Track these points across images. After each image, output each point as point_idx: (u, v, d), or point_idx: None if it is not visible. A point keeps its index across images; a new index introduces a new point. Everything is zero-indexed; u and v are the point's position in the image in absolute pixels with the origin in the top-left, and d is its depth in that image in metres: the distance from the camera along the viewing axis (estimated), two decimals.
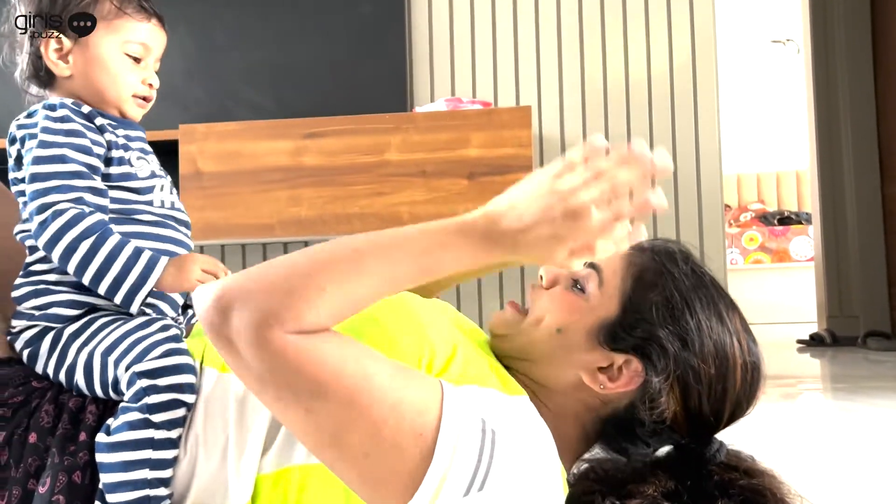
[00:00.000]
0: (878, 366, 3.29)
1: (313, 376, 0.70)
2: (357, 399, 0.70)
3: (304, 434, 0.73)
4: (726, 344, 0.85)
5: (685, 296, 0.85)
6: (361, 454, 0.71)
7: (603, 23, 2.70)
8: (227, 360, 0.74)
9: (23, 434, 0.85)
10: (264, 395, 0.73)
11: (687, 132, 2.66)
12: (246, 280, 0.73)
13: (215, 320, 0.72)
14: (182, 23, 2.71)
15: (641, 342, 0.83)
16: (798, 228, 5.65)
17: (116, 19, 0.98)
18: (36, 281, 0.93)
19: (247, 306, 0.70)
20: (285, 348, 0.70)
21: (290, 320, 0.70)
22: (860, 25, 4.25)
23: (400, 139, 2.34)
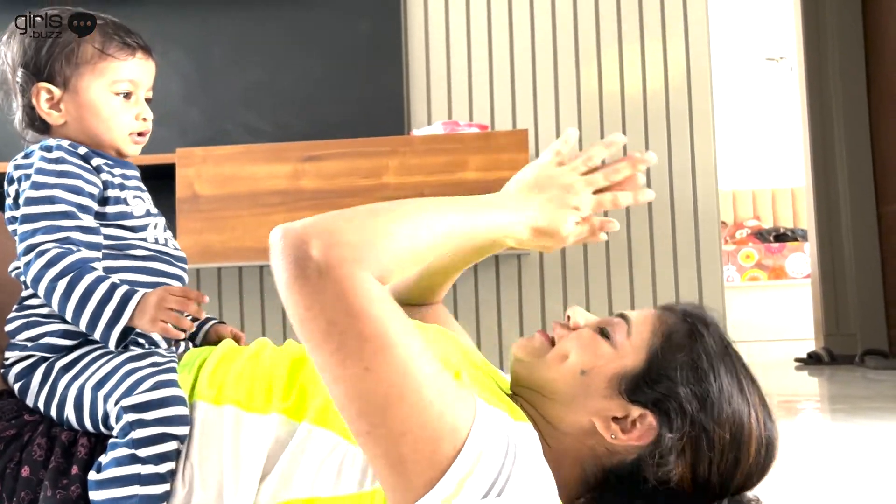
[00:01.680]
0: (876, 385, 3.28)
1: (384, 332, 0.71)
2: (414, 372, 0.71)
3: (353, 397, 0.72)
4: (744, 414, 0.85)
5: (711, 361, 0.86)
6: (399, 431, 0.71)
7: (598, 44, 2.71)
8: (304, 304, 0.73)
9: (15, 468, 0.85)
10: (330, 344, 0.72)
11: (683, 151, 2.67)
12: (333, 219, 0.75)
13: (303, 253, 0.72)
14: (179, 47, 2.72)
15: (661, 398, 0.83)
16: (794, 245, 5.67)
17: (101, 62, 0.98)
18: (29, 314, 0.93)
19: (338, 240, 0.72)
20: (369, 291, 0.72)
21: (373, 260, 0.73)
22: (853, 43, 4.28)
23: (398, 162, 2.35)
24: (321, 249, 0.72)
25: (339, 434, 0.81)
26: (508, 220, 0.87)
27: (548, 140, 2.69)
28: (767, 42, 6.41)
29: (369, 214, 0.77)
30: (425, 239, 0.79)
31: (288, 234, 0.74)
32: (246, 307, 2.73)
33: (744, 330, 5.46)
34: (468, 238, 0.84)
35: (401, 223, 0.77)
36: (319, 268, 0.71)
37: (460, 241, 0.83)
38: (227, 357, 0.93)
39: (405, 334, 0.73)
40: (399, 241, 0.76)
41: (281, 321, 2.71)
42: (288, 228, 0.74)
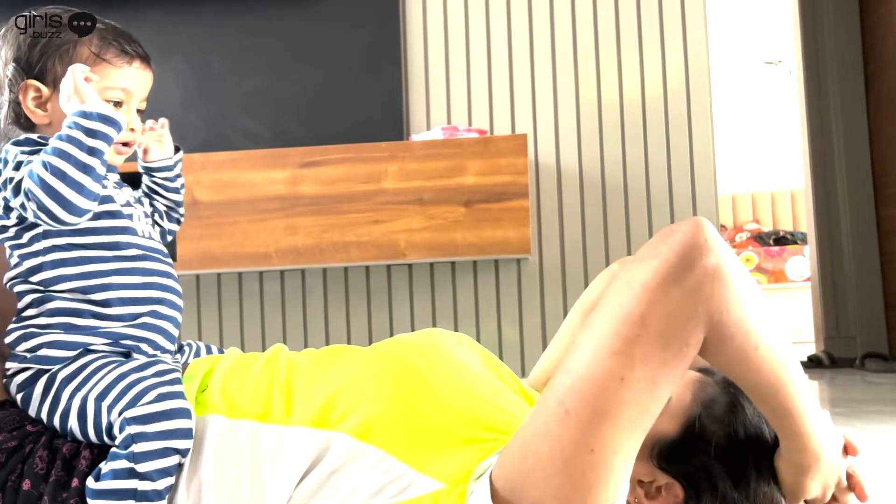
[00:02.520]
0: (876, 388, 3.28)
1: (661, 378, 0.70)
2: (642, 420, 0.70)
3: (588, 377, 0.70)
4: (776, 495, 0.84)
5: (748, 435, 0.84)
6: (589, 444, 0.69)
7: (597, 49, 2.72)
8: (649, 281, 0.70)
9: (17, 480, 0.85)
10: (625, 328, 0.70)
11: (682, 155, 2.67)
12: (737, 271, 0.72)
13: (690, 261, 0.70)
14: (178, 54, 2.72)
15: (693, 471, 0.82)
16: (794, 248, 5.66)
17: (95, 66, 0.95)
18: (26, 325, 0.92)
19: (723, 288, 0.70)
20: (689, 346, 0.70)
21: (721, 333, 0.71)
22: (851, 46, 4.28)
23: (397, 167, 2.35)
24: (709, 276, 0.70)
25: (383, 449, 0.80)
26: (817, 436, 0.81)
27: (547, 144, 2.69)
28: (766, 45, 6.41)
29: (762, 303, 0.74)
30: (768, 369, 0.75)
31: (701, 233, 0.71)
32: (245, 312, 2.73)
33: None
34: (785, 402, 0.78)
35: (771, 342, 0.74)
36: (689, 284, 0.70)
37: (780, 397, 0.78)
38: (240, 365, 0.92)
39: (665, 396, 0.71)
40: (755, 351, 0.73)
41: (280, 326, 2.71)
42: (705, 229, 0.72)
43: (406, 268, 2.70)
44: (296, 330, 2.71)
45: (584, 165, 2.68)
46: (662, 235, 0.73)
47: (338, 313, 2.71)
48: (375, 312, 2.70)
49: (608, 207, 2.66)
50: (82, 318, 0.91)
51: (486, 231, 2.30)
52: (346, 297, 2.71)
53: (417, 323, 2.69)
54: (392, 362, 0.89)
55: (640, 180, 2.66)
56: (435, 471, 0.77)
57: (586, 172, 2.68)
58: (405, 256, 2.33)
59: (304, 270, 2.72)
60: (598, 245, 2.63)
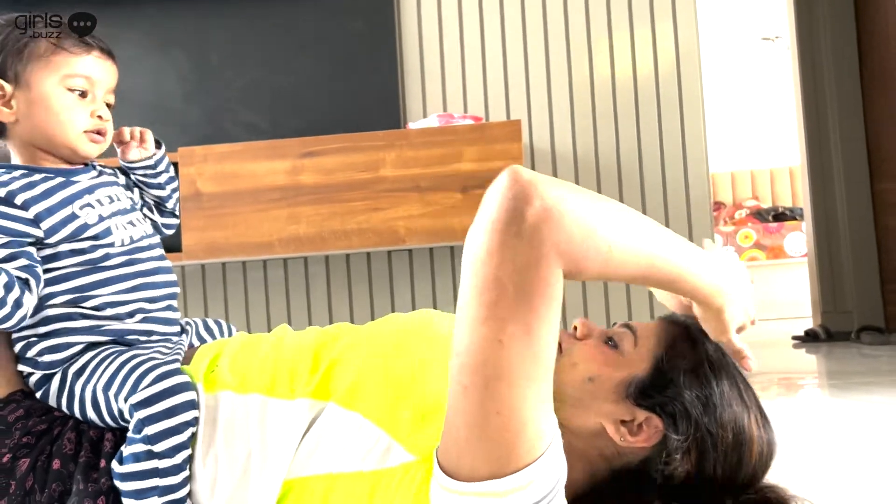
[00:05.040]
0: (871, 360, 3.32)
1: (535, 324, 0.72)
2: (537, 367, 0.73)
3: (472, 351, 0.73)
4: (744, 418, 0.90)
5: (712, 368, 0.90)
6: (494, 409, 0.73)
7: (589, 34, 2.75)
8: (486, 247, 0.72)
9: (46, 461, 0.89)
10: (483, 295, 0.72)
11: (674, 135, 2.71)
12: (571, 204, 0.72)
13: (520, 213, 0.71)
14: (178, 47, 2.76)
15: (667, 402, 0.87)
16: (792, 224, 5.69)
17: (54, 56, 0.95)
18: (26, 336, 0.95)
19: (559, 227, 0.71)
20: (551, 284, 0.71)
21: (580, 260, 0.72)
22: (845, 21, 4.29)
23: (394, 155, 2.39)
24: (538, 218, 0.71)
25: (364, 415, 0.84)
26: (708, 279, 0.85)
27: (541, 129, 2.73)
28: (762, 21, 6.41)
29: (599, 210, 0.75)
30: (627, 272, 0.78)
31: (517, 181, 0.72)
32: (251, 300, 2.79)
33: None
34: (664, 285, 0.83)
35: (622, 237, 0.75)
36: (524, 233, 0.71)
37: (654, 284, 0.82)
38: (248, 345, 0.96)
39: (548, 339, 0.73)
40: (612, 254, 0.74)
41: (285, 313, 2.77)
42: (520, 175, 0.73)
43: (406, 253, 2.76)
44: (300, 316, 2.76)
45: (578, 149, 2.72)
46: (486, 197, 0.74)
47: (341, 299, 2.76)
48: (377, 297, 2.76)
49: (602, 190, 2.70)
50: (77, 322, 0.94)
51: None
52: (348, 283, 2.77)
53: (418, 306, 2.74)
54: (382, 335, 0.94)
55: (633, 161, 2.70)
56: (411, 442, 0.82)
57: (580, 156, 2.72)
58: (405, 242, 2.39)
59: (306, 258, 2.78)
60: None
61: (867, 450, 1.63)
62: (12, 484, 0.87)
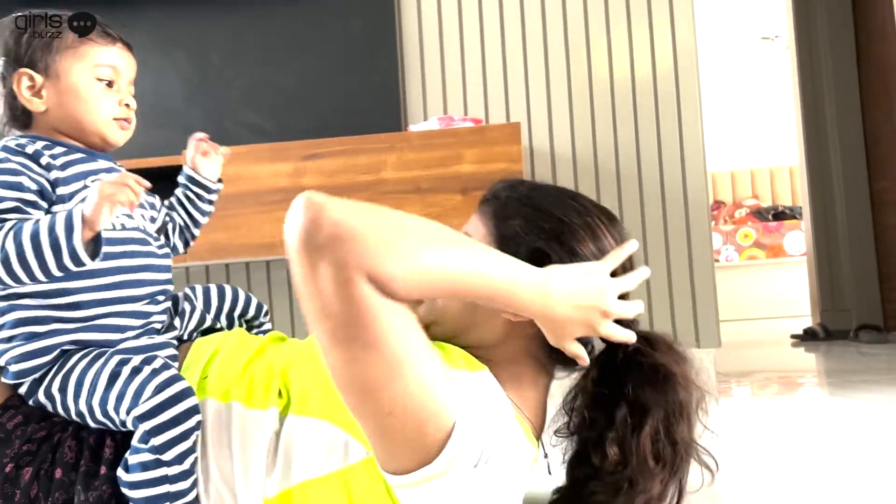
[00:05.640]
0: (870, 359, 3.34)
1: (374, 333, 0.73)
2: (400, 366, 0.75)
3: (339, 374, 0.77)
4: (588, 222, 0.95)
5: (537, 207, 0.95)
6: (385, 410, 0.76)
7: (587, 35, 2.77)
8: (302, 279, 0.74)
9: (49, 469, 0.90)
10: (321, 324, 0.75)
11: (671, 135, 2.72)
12: (361, 220, 0.73)
13: (315, 240, 0.72)
14: (179, 49, 2.79)
15: (530, 259, 0.88)
16: (792, 223, 5.70)
17: (81, 46, 0.98)
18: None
19: (353, 245, 0.72)
20: (366, 298, 0.72)
21: (383, 276, 0.73)
22: (843, 20, 4.30)
23: (395, 158, 2.42)
24: (329, 241, 0.72)
25: (318, 417, 0.87)
26: (522, 312, 0.84)
27: (541, 131, 2.75)
28: (762, 21, 6.43)
29: (394, 225, 0.76)
30: (444, 287, 0.78)
31: (307, 209, 0.74)
32: None
33: (743, 309, 5.52)
34: (483, 300, 0.82)
35: (425, 250, 0.76)
36: (323, 258, 0.72)
37: (473, 298, 0.82)
38: (235, 351, 0.97)
39: (399, 340, 0.75)
40: (416, 266, 0.75)
41: (289, 314, 2.80)
42: (312, 199, 0.74)
43: None
44: (302, 317, 2.78)
45: (577, 150, 2.74)
46: (285, 228, 0.76)
47: None
48: None
49: (601, 190, 2.72)
50: (44, 325, 0.93)
51: None
52: None
53: None
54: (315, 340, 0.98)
55: (632, 161, 2.72)
56: (363, 437, 0.84)
57: (579, 157, 2.74)
58: None
59: None
60: None
61: (866, 448, 1.65)
62: (17, 493, 0.88)
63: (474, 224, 0.98)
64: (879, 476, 1.39)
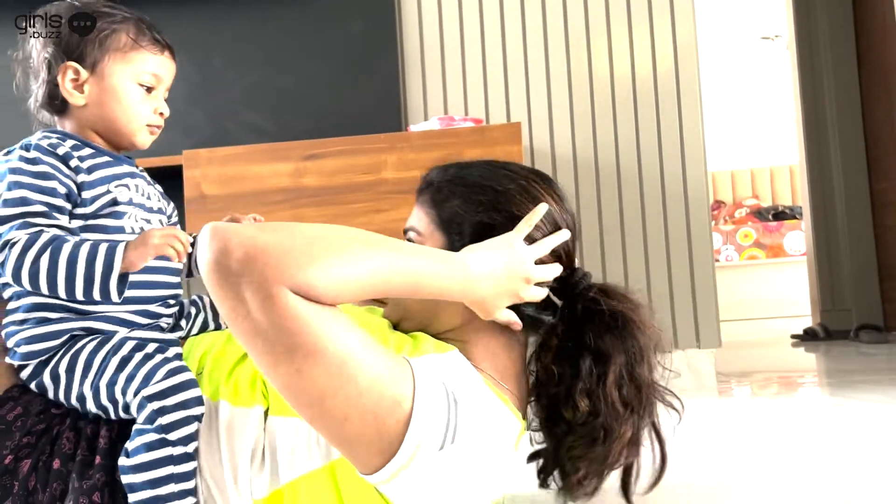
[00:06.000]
0: (870, 359, 3.34)
1: (311, 340, 0.74)
2: (345, 367, 0.76)
3: (289, 391, 0.78)
4: (523, 185, 0.97)
5: (469, 184, 0.97)
6: (341, 417, 0.77)
7: (588, 35, 2.77)
8: (227, 306, 0.75)
9: (47, 460, 0.91)
10: (258, 346, 0.76)
11: (672, 134, 2.72)
12: (268, 236, 0.75)
13: (229, 266, 0.74)
14: (181, 50, 2.77)
15: (475, 236, 0.93)
16: (792, 223, 5.70)
17: (132, 51, 1.01)
18: (8, 322, 0.97)
19: (267, 261, 0.73)
20: (293, 308, 0.73)
21: (303, 285, 0.74)
22: (844, 20, 4.31)
23: (396, 158, 2.42)
24: (242, 263, 0.73)
25: (296, 417, 0.87)
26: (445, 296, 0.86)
27: (541, 131, 2.76)
28: (762, 21, 6.43)
29: (301, 235, 0.77)
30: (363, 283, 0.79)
31: (214, 235, 0.75)
32: None
33: (743, 309, 5.52)
34: (404, 291, 0.83)
35: (338, 253, 0.77)
36: (242, 281, 0.73)
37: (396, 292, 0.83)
38: (225, 351, 0.98)
39: (334, 332, 0.76)
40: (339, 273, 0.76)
41: None
42: (217, 229, 0.75)
43: None
44: None
45: (578, 150, 2.75)
46: (199, 266, 0.77)
47: None
48: None
49: (601, 190, 2.73)
50: (57, 313, 0.95)
51: None
52: None
53: None
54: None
55: (632, 161, 2.73)
56: None
57: (580, 156, 2.74)
58: None
59: None
60: (592, 226, 2.70)
61: (865, 449, 1.65)
62: (15, 484, 0.89)
63: (417, 215, 1.01)
64: (879, 476, 1.39)
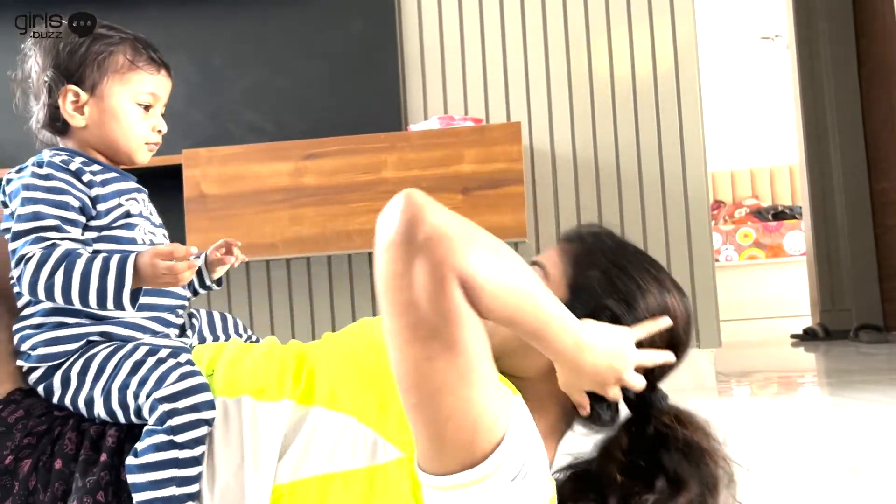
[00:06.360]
0: (870, 359, 3.35)
1: (456, 334, 0.75)
2: (470, 373, 0.76)
3: (407, 371, 0.77)
4: (666, 300, 0.97)
5: (619, 265, 0.97)
6: (446, 414, 0.77)
7: (588, 36, 2.78)
8: (390, 270, 0.75)
9: (48, 461, 0.91)
10: (403, 319, 0.76)
11: (672, 134, 2.73)
12: (458, 227, 0.75)
13: (414, 236, 0.74)
14: (181, 51, 2.79)
15: (593, 312, 0.92)
16: (791, 223, 5.71)
17: (129, 72, 1.03)
18: (23, 327, 0.98)
19: (451, 247, 0.73)
20: (457, 300, 0.74)
21: (473, 285, 0.74)
22: (844, 21, 4.31)
23: (396, 157, 2.42)
24: (429, 239, 0.73)
25: (349, 414, 0.88)
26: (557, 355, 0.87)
27: (541, 131, 2.76)
28: (762, 20, 6.43)
29: (485, 241, 0.78)
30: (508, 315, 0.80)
31: (410, 202, 0.75)
32: (254, 300, 2.82)
33: (743, 309, 5.53)
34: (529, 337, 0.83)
35: (505, 268, 0.78)
36: (420, 254, 0.73)
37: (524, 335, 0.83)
38: (239, 354, 0.99)
39: (474, 343, 0.77)
40: (496, 280, 0.77)
41: (288, 314, 2.80)
42: (414, 197, 0.75)
43: None
44: (302, 315, 2.79)
45: (578, 150, 2.75)
46: (381, 220, 0.77)
47: (343, 299, 2.79)
48: None
49: (601, 190, 2.73)
50: (74, 318, 0.96)
51: (483, 217, 2.38)
52: (350, 284, 2.80)
53: None
54: (354, 336, 0.99)
55: (632, 161, 2.73)
56: (398, 439, 0.86)
57: (580, 156, 2.74)
58: None
59: (309, 259, 2.81)
60: None
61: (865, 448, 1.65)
62: (15, 484, 0.89)
63: (552, 259, 1.00)
64: (879, 476, 1.39)
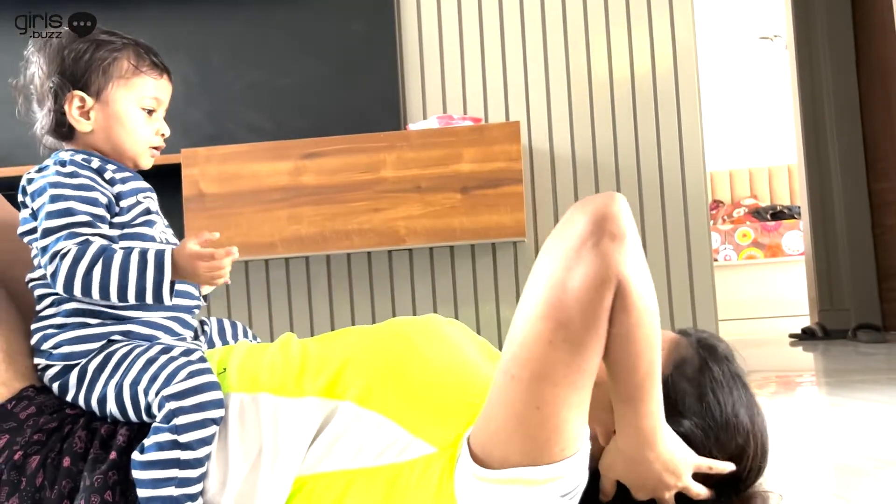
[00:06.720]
0: (868, 358, 3.34)
1: (587, 334, 0.75)
2: (580, 377, 0.77)
3: (522, 346, 0.77)
4: (748, 444, 0.92)
5: (717, 396, 0.92)
6: (537, 403, 0.77)
7: (587, 34, 2.78)
8: (560, 247, 0.77)
9: (56, 458, 0.91)
10: (546, 294, 0.76)
11: (671, 134, 2.73)
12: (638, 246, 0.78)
13: (601, 228, 0.76)
14: (180, 50, 2.79)
15: (673, 424, 0.88)
16: (790, 223, 5.71)
17: (133, 77, 1.05)
18: (44, 326, 0.99)
19: (628, 255, 0.76)
20: (605, 303, 0.75)
21: (627, 302, 0.76)
22: (842, 20, 4.31)
23: (395, 156, 2.42)
24: (615, 240, 0.76)
25: (382, 414, 0.88)
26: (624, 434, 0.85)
27: (540, 130, 2.76)
28: (761, 20, 6.43)
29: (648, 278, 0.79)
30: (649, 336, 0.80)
31: (614, 199, 0.78)
32: (253, 300, 2.82)
33: (741, 308, 5.53)
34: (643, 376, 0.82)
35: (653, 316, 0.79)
36: (600, 249, 0.75)
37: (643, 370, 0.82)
38: (254, 351, 1.00)
39: (595, 351, 0.77)
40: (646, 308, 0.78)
41: (287, 312, 2.80)
42: (619, 198, 0.78)
43: (406, 253, 2.79)
44: (301, 315, 2.79)
45: (577, 149, 2.75)
46: (581, 204, 0.79)
47: (342, 298, 2.79)
48: (378, 297, 2.79)
49: (600, 189, 2.73)
50: (97, 318, 0.98)
51: (482, 216, 2.38)
52: (349, 283, 2.80)
53: (419, 306, 2.77)
54: (390, 336, 0.98)
55: (631, 160, 2.73)
56: (428, 435, 0.86)
57: (579, 156, 2.75)
58: (405, 242, 2.41)
59: (308, 258, 2.81)
60: None
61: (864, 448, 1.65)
62: (23, 480, 0.90)
63: (663, 344, 0.95)
64: (879, 476, 1.39)
